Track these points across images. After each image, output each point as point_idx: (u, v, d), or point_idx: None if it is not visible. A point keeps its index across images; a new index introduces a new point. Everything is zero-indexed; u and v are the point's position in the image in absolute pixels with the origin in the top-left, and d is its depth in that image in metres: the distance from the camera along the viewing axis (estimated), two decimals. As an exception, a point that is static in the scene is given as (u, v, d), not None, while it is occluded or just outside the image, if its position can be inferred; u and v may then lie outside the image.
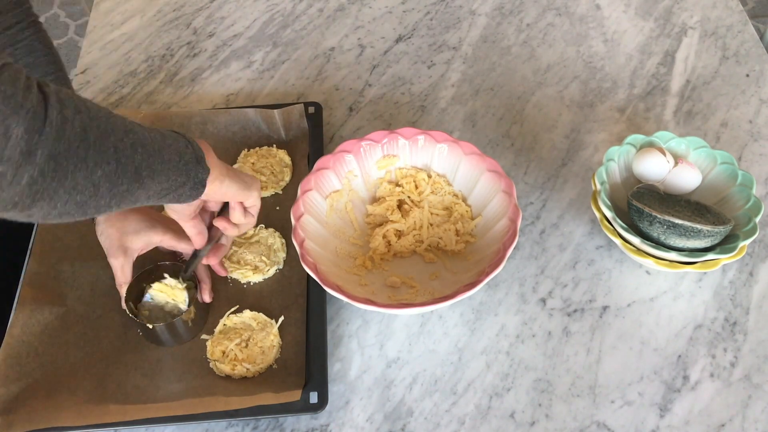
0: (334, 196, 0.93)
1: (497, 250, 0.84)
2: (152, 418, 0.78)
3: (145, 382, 0.82)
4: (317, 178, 0.91)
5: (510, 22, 1.23)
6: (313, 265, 0.82)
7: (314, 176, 0.91)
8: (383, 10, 1.26)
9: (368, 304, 0.79)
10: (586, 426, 0.80)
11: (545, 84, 1.13)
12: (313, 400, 0.79)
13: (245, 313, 0.87)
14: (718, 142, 1.05)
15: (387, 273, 0.90)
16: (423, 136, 0.95)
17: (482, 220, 0.91)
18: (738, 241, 0.84)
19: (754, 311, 0.88)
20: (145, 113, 1.04)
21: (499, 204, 0.89)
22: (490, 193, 0.91)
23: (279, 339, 0.85)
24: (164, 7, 1.28)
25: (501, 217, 0.88)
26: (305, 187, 0.90)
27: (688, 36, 1.19)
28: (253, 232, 0.94)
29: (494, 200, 0.90)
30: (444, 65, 1.17)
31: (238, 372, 0.82)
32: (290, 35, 1.23)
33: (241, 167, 1.00)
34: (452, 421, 0.81)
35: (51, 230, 0.94)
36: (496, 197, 0.90)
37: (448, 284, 0.87)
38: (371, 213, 0.95)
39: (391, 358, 0.85)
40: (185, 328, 0.84)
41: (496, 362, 0.85)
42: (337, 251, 0.90)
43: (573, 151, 1.05)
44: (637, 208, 0.86)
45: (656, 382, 0.83)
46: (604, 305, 0.89)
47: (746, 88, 1.11)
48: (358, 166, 0.95)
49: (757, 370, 0.83)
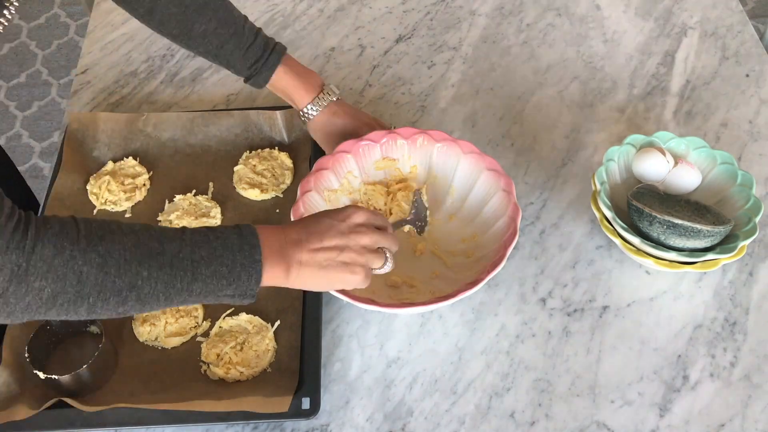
0: (332, 196, 0.93)
1: (497, 249, 0.85)
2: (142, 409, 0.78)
3: (140, 387, 0.82)
4: (317, 179, 0.91)
5: (510, 22, 1.23)
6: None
7: (314, 177, 0.91)
8: (383, 11, 1.26)
9: (369, 304, 0.79)
10: (586, 426, 0.80)
11: (545, 84, 1.13)
12: (305, 406, 0.78)
13: (241, 316, 0.87)
14: (717, 142, 1.05)
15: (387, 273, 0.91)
16: (422, 136, 0.95)
17: (482, 219, 0.91)
18: (738, 241, 0.84)
19: (753, 311, 0.88)
20: (147, 114, 1.04)
21: (498, 202, 0.89)
22: (489, 192, 0.91)
23: (274, 343, 0.85)
24: (164, 7, 1.28)
25: (501, 215, 0.88)
26: (305, 187, 0.90)
27: (688, 36, 1.19)
28: None
29: (494, 199, 0.90)
30: (444, 65, 1.17)
31: (232, 376, 0.82)
32: (290, 35, 1.23)
33: (243, 169, 1.00)
34: (452, 421, 0.81)
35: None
36: (495, 196, 0.90)
37: (448, 283, 0.87)
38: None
39: (391, 358, 0.85)
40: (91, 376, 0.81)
41: (496, 362, 0.85)
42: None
43: (573, 151, 1.05)
44: (637, 208, 0.86)
45: (656, 382, 0.83)
46: (604, 305, 0.89)
47: (746, 88, 1.11)
48: (357, 166, 0.95)
49: (757, 370, 0.83)
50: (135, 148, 1.04)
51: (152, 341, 0.86)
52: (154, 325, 0.86)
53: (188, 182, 1.01)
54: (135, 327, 0.87)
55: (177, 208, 0.97)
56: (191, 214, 0.96)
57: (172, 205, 0.98)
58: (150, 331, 0.86)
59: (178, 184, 1.01)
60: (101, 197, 0.98)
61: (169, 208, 0.98)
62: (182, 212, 0.96)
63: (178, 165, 1.03)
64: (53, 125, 2.25)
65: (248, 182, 0.99)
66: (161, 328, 0.86)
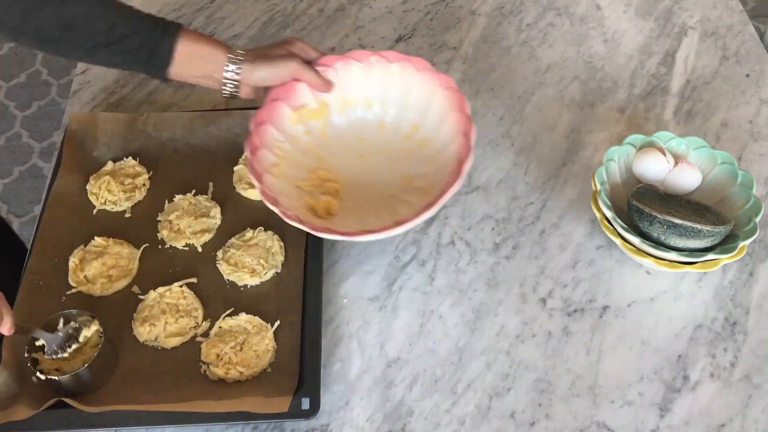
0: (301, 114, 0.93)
1: (455, 167, 0.83)
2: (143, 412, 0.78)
3: (140, 388, 0.82)
4: (270, 110, 0.91)
5: (510, 22, 1.23)
6: (273, 199, 0.82)
7: (266, 109, 0.90)
8: (383, 10, 1.26)
9: (328, 233, 0.79)
10: (586, 426, 0.80)
11: (545, 84, 1.13)
12: (305, 406, 0.78)
13: (241, 316, 0.87)
14: (718, 142, 1.05)
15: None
16: (375, 56, 0.94)
17: (439, 138, 0.90)
18: (738, 241, 0.84)
19: (754, 311, 0.88)
20: (147, 114, 1.04)
21: (454, 122, 0.88)
22: (444, 111, 0.90)
23: (274, 343, 0.85)
24: (164, 7, 1.28)
25: (456, 134, 0.87)
26: (259, 119, 0.89)
27: (688, 36, 1.19)
28: (251, 234, 0.94)
29: (450, 118, 0.89)
30: (444, 65, 1.17)
31: (232, 376, 0.82)
32: (290, 35, 1.23)
33: (243, 169, 1.00)
34: (452, 421, 0.81)
35: (52, 228, 0.94)
36: (450, 115, 0.89)
37: (410, 209, 0.85)
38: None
39: (391, 358, 0.85)
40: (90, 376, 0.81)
41: (496, 362, 0.85)
42: (299, 186, 0.90)
43: (573, 151, 1.05)
44: (637, 208, 0.86)
45: (656, 382, 0.83)
46: (604, 305, 0.89)
47: (746, 88, 1.11)
48: (312, 94, 0.93)
49: (757, 370, 0.83)
50: (135, 148, 1.04)
51: (152, 341, 0.86)
52: (154, 325, 0.86)
53: (188, 182, 1.01)
54: (135, 327, 0.87)
55: (177, 208, 0.97)
56: (191, 214, 0.96)
57: (171, 205, 0.98)
58: (150, 332, 0.86)
59: (177, 184, 1.01)
60: (101, 197, 0.98)
61: (169, 208, 0.98)
62: (182, 212, 0.96)
63: (178, 165, 1.03)
64: (53, 125, 2.25)
65: (248, 182, 0.99)
66: (161, 329, 0.86)
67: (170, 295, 0.88)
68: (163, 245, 0.95)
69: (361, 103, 0.96)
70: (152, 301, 0.88)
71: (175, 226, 0.95)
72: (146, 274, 0.92)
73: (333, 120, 0.96)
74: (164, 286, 0.89)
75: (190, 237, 0.94)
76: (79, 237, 0.94)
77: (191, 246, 0.94)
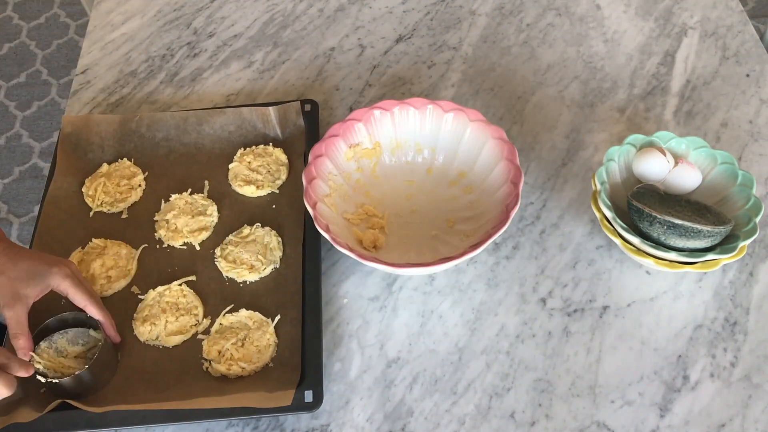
0: (361, 152, 0.98)
1: (501, 213, 0.87)
2: (146, 411, 0.78)
3: (143, 387, 0.82)
4: (327, 145, 0.95)
5: (510, 22, 1.23)
6: (325, 225, 0.85)
7: (325, 143, 0.95)
8: (383, 10, 1.26)
9: (374, 262, 0.82)
10: (586, 426, 0.80)
11: (545, 84, 1.13)
12: (308, 398, 0.79)
13: (241, 312, 0.87)
14: (718, 142, 1.05)
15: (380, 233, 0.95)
16: (432, 105, 0.99)
17: (485, 185, 0.94)
18: (738, 241, 0.84)
19: (754, 311, 0.88)
20: (140, 115, 1.04)
21: (502, 170, 0.92)
22: (493, 161, 0.94)
23: (275, 338, 0.85)
24: (164, 7, 1.28)
25: (504, 182, 0.91)
26: (316, 152, 0.94)
27: (688, 36, 1.19)
28: (249, 231, 0.94)
29: (498, 167, 0.93)
30: (444, 65, 1.17)
31: (234, 372, 0.82)
32: (290, 35, 1.23)
33: (238, 166, 1.01)
34: (452, 421, 0.81)
35: (50, 231, 0.94)
36: (499, 164, 0.93)
37: (452, 249, 0.89)
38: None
39: (391, 358, 0.85)
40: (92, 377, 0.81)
41: (496, 362, 0.85)
42: (347, 218, 0.94)
43: (573, 151, 1.05)
44: (637, 208, 0.86)
45: (656, 382, 0.83)
46: (604, 305, 0.89)
47: (746, 88, 1.11)
48: (368, 134, 0.98)
49: (757, 370, 0.83)
50: (129, 149, 1.04)
51: (153, 340, 0.86)
52: (155, 324, 0.86)
53: (184, 181, 1.01)
54: (135, 327, 0.87)
55: (173, 207, 0.97)
56: (188, 212, 0.96)
57: (168, 205, 0.98)
58: (150, 331, 0.86)
59: (173, 183, 1.01)
60: (97, 199, 0.98)
61: (166, 208, 0.98)
62: (179, 211, 0.96)
63: (173, 164, 1.03)
64: (53, 125, 2.25)
65: (244, 179, 0.99)
66: (162, 327, 0.86)
67: (170, 293, 0.89)
68: (161, 245, 0.95)
69: (412, 147, 1.00)
70: (152, 300, 0.88)
71: (172, 225, 0.95)
72: (145, 274, 0.92)
73: (384, 160, 1.00)
74: (163, 285, 0.89)
75: (188, 235, 0.94)
76: (76, 239, 0.95)
77: (189, 244, 0.94)
